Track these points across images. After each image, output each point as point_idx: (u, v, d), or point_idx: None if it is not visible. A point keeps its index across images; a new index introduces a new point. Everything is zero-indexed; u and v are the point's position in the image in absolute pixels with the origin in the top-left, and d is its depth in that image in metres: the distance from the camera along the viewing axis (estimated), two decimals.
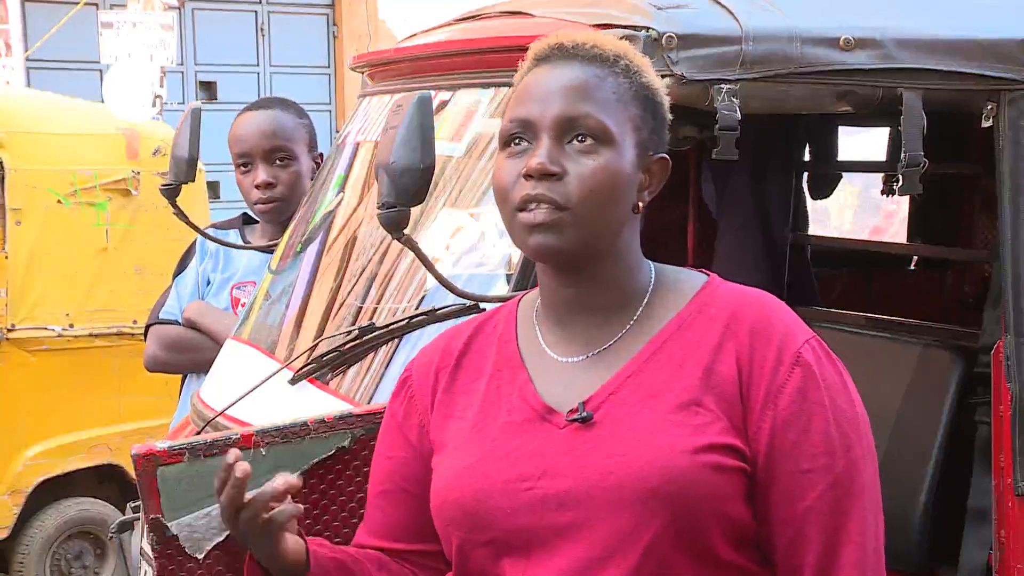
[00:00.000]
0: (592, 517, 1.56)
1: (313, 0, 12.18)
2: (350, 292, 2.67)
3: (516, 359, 1.69)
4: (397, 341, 2.39)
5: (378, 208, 2.02)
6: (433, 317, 2.31)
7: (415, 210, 2.06)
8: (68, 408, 5.24)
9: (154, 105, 7.96)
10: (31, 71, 10.28)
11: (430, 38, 2.83)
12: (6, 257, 5.13)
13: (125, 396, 5.31)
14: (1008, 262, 2.43)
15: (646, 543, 1.53)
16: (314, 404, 2.32)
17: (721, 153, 2.20)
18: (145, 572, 2.48)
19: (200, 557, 1.94)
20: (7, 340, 5.11)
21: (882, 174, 4.25)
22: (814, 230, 4.41)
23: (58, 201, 5.24)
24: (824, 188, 4.19)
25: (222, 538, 1.94)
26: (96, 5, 10.21)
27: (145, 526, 1.96)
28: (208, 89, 11.36)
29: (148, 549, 2.21)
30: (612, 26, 2.25)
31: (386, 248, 2.60)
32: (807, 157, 4.00)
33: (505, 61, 2.38)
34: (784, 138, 3.74)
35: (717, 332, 1.61)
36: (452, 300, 2.27)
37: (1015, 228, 2.43)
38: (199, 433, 2.52)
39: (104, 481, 5.41)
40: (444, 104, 2.57)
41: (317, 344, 2.53)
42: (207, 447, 1.94)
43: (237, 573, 1.96)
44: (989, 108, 2.43)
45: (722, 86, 2.22)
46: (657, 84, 1.68)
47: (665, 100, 1.69)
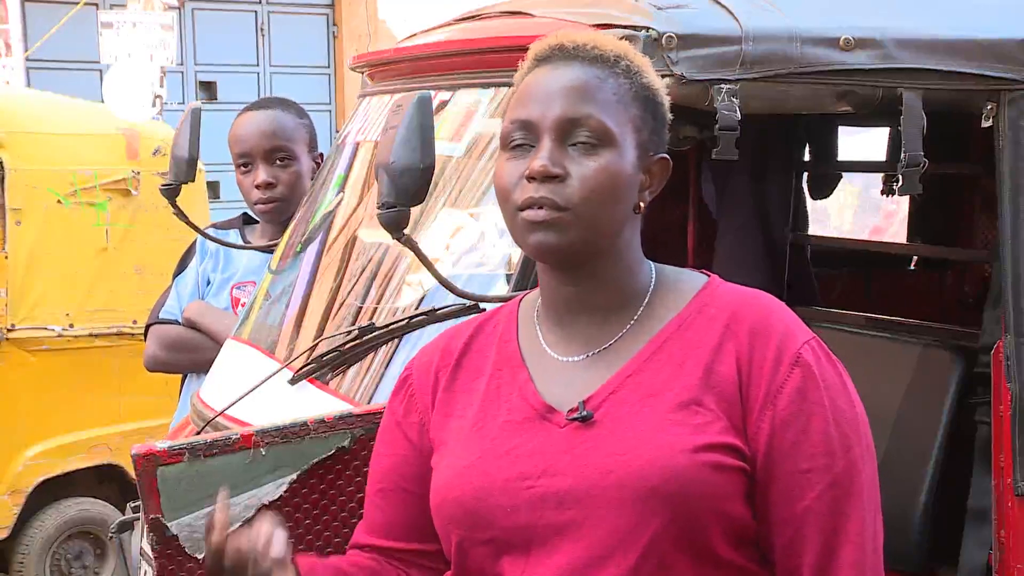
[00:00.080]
0: (592, 516, 1.56)
1: (313, 0, 12.19)
2: (350, 292, 2.67)
3: (516, 358, 1.70)
4: (397, 341, 2.39)
5: (378, 208, 2.02)
6: (433, 317, 2.32)
7: (415, 210, 2.06)
8: (68, 408, 5.24)
9: (154, 105, 7.96)
10: (31, 71, 10.29)
11: (430, 38, 2.83)
12: (6, 257, 5.13)
13: (125, 396, 5.31)
14: (1008, 262, 2.43)
15: (646, 542, 1.54)
16: (314, 404, 2.32)
17: (721, 153, 2.20)
18: (145, 572, 2.48)
19: (200, 557, 1.94)
20: (7, 340, 5.11)
21: (882, 174, 4.26)
22: (814, 230, 4.41)
23: (58, 201, 5.24)
24: (824, 188, 4.19)
25: None
26: (96, 5, 10.21)
27: (145, 526, 1.97)
28: (208, 89, 11.36)
29: (148, 549, 2.21)
30: (612, 26, 2.25)
31: (386, 248, 2.60)
32: (807, 157, 4.00)
33: (505, 61, 2.38)
34: (784, 138, 3.74)
35: (717, 332, 1.62)
36: (452, 300, 2.27)
37: (1015, 228, 2.43)
38: (199, 433, 2.52)
39: (104, 481, 5.41)
40: (444, 104, 2.57)
41: (317, 344, 2.53)
42: (207, 447, 1.94)
43: None
44: (989, 108, 2.43)
45: (722, 86, 2.22)
46: (657, 85, 1.68)
47: (665, 100, 1.69)
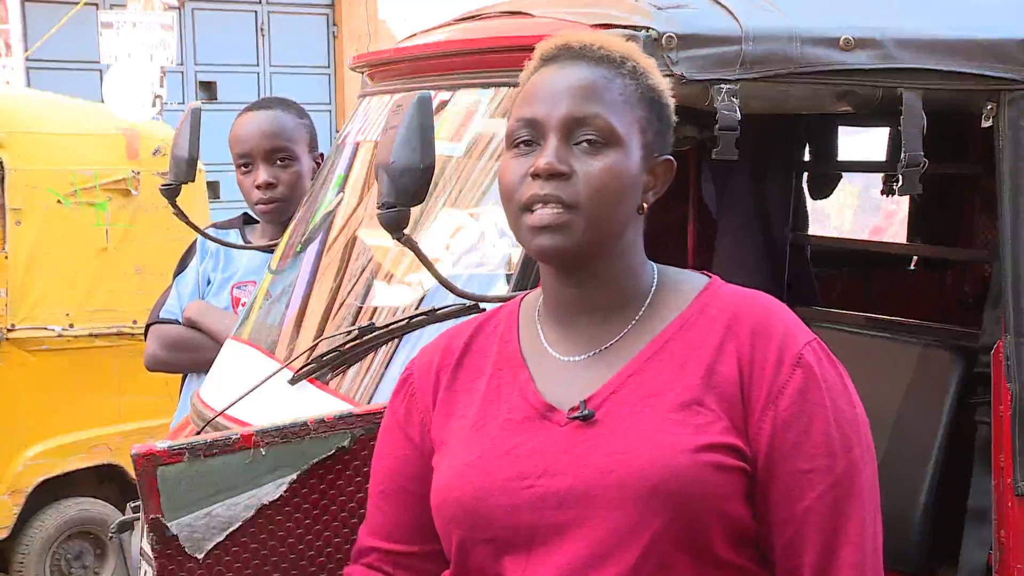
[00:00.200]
0: (592, 515, 1.56)
1: (313, 0, 12.19)
2: (350, 292, 2.67)
3: (517, 358, 1.70)
4: (397, 341, 2.39)
5: (378, 208, 2.02)
6: (433, 317, 2.31)
7: (415, 210, 2.06)
8: (68, 408, 5.24)
9: (154, 105, 7.96)
10: (31, 71, 10.29)
11: (430, 38, 2.83)
12: (6, 257, 5.13)
13: (125, 396, 5.31)
14: (1008, 262, 2.43)
15: (646, 541, 1.54)
16: (314, 404, 2.32)
17: (721, 153, 2.20)
18: (145, 572, 2.48)
19: (200, 557, 1.94)
20: (7, 340, 5.11)
21: (882, 174, 4.26)
22: (814, 230, 4.41)
23: (58, 201, 5.24)
24: (824, 188, 4.19)
25: (222, 538, 1.94)
26: (96, 5, 10.21)
27: (145, 526, 1.97)
28: (208, 89, 11.36)
29: (148, 549, 2.21)
30: (612, 26, 2.25)
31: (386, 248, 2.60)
32: (807, 157, 4.00)
33: (505, 61, 2.38)
34: (784, 138, 3.74)
35: (718, 333, 1.62)
36: (452, 300, 2.27)
37: (1015, 228, 2.43)
38: (199, 433, 2.52)
39: (104, 481, 5.41)
40: (444, 104, 2.57)
41: (317, 344, 2.53)
42: (207, 447, 1.94)
43: (237, 573, 1.96)
44: (989, 108, 2.43)
45: (722, 86, 2.22)
46: (663, 86, 1.69)
47: (670, 102, 1.70)
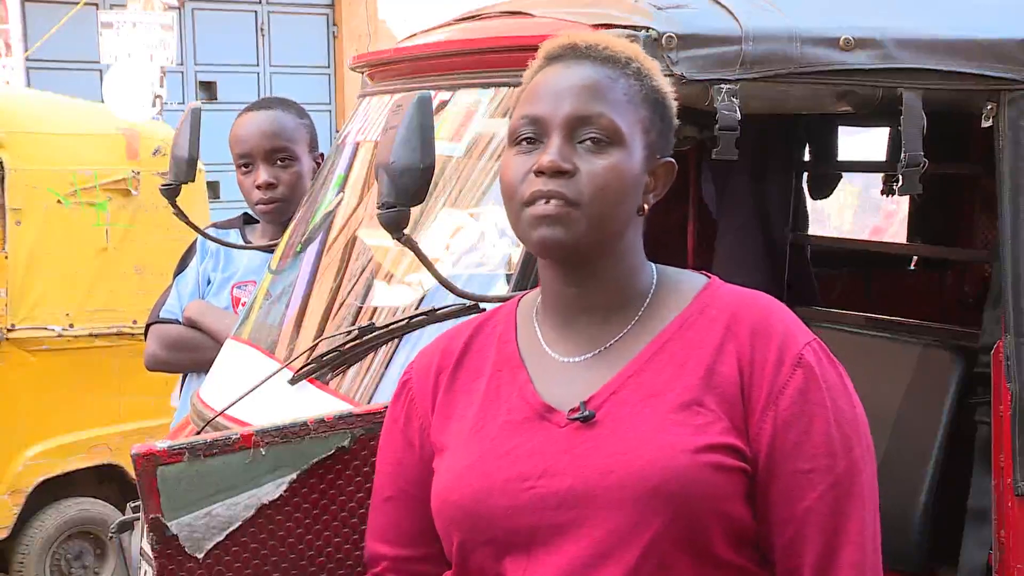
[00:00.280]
0: (592, 516, 1.56)
1: (313, 0, 12.19)
2: (350, 292, 2.67)
3: (516, 359, 1.69)
4: (397, 341, 2.39)
5: (378, 208, 2.02)
6: (433, 317, 2.31)
7: (415, 210, 2.06)
8: (68, 408, 5.24)
9: (154, 105, 7.96)
10: (31, 71, 10.29)
11: (430, 38, 2.83)
12: (6, 257, 5.13)
13: (125, 396, 5.31)
14: (1008, 262, 2.43)
15: (646, 542, 1.54)
16: (314, 404, 2.32)
17: (721, 153, 2.20)
18: (145, 572, 2.48)
19: (200, 557, 1.94)
20: (7, 340, 5.11)
21: (882, 174, 4.26)
22: (814, 230, 4.41)
23: (58, 201, 5.24)
24: (824, 188, 4.19)
25: (222, 538, 1.94)
26: (96, 5, 10.21)
27: (145, 526, 1.97)
28: (208, 89, 11.36)
29: (148, 549, 2.21)
30: (612, 26, 2.25)
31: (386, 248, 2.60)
32: (807, 157, 4.00)
33: (505, 61, 2.38)
34: (784, 138, 3.74)
35: (718, 333, 1.62)
36: (452, 300, 2.27)
37: (1015, 228, 2.43)
38: (199, 433, 2.52)
39: (104, 481, 5.41)
40: (444, 104, 2.57)
41: (317, 344, 2.52)
42: (207, 447, 1.94)
43: (237, 573, 1.96)
44: (989, 108, 2.43)
45: (722, 86, 2.22)
46: (666, 88, 1.69)
47: (673, 104, 1.70)
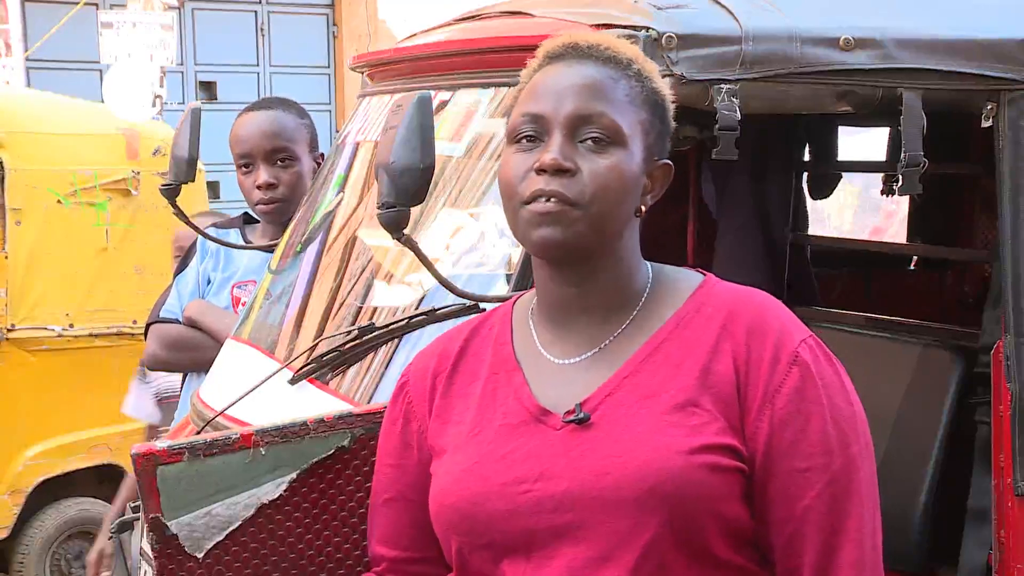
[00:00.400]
0: (590, 518, 1.56)
1: (313, 0, 12.19)
2: (350, 292, 2.67)
3: (512, 361, 1.69)
4: (397, 341, 2.39)
5: (378, 208, 2.02)
6: (433, 317, 2.31)
7: (415, 210, 2.06)
8: (68, 408, 5.25)
9: (154, 105, 7.96)
10: (31, 71, 10.29)
11: (430, 38, 2.83)
12: (6, 257, 5.13)
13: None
14: (1008, 262, 2.43)
15: (644, 543, 1.54)
16: (314, 404, 2.32)
17: (721, 153, 2.20)
18: (145, 572, 2.48)
19: (200, 557, 1.94)
20: (7, 340, 5.11)
21: (882, 174, 4.26)
22: (814, 230, 4.41)
23: (58, 201, 5.25)
24: (824, 188, 4.19)
25: (222, 538, 1.94)
26: (96, 5, 10.21)
27: (145, 526, 1.97)
28: (208, 89, 11.36)
29: (148, 549, 2.21)
30: (612, 26, 2.25)
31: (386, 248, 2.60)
32: (807, 157, 4.00)
33: (505, 61, 2.38)
34: (784, 138, 3.74)
35: (714, 332, 1.62)
36: (452, 300, 2.27)
37: (1015, 228, 2.43)
38: (199, 433, 2.52)
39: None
40: (444, 104, 2.57)
41: (317, 344, 2.52)
42: (207, 447, 1.94)
43: (237, 573, 1.96)
44: (989, 108, 2.43)
45: (722, 86, 2.22)
46: (665, 91, 1.69)
47: (671, 107, 1.70)
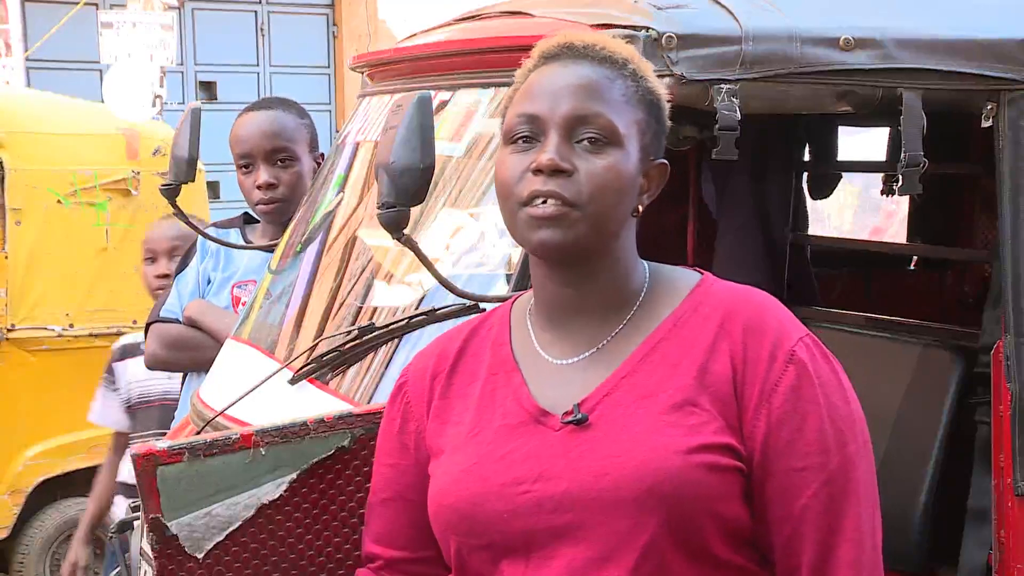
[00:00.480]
0: (589, 519, 1.56)
1: (313, 0, 12.19)
2: (350, 292, 2.67)
3: (510, 362, 1.69)
4: (397, 341, 2.39)
5: (378, 208, 2.02)
6: (433, 317, 2.31)
7: (415, 210, 2.06)
8: (68, 408, 5.23)
9: (154, 105, 7.96)
10: (31, 71, 10.29)
11: (430, 38, 2.83)
12: (6, 257, 5.13)
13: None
14: (1008, 262, 2.43)
15: (643, 543, 1.53)
16: (314, 404, 2.32)
17: (721, 153, 2.20)
18: (145, 572, 2.48)
19: (200, 557, 1.94)
20: (7, 340, 5.11)
21: (882, 174, 4.26)
22: (814, 230, 4.41)
23: (58, 201, 5.25)
24: (824, 188, 4.19)
25: (222, 538, 1.94)
26: (96, 5, 10.21)
27: (145, 526, 1.97)
28: (208, 89, 11.36)
29: (148, 549, 2.20)
30: (612, 26, 2.25)
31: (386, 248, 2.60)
32: (807, 157, 4.00)
33: (505, 61, 2.37)
34: (784, 138, 3.74)
35: (711, 331, 1.62)
36: (452, 300, 2.27)
37: (1015, 228, 2.43)
38: (199, 433, 2.52)
39: None
40: (444, 104, 2.57)
41: (317, 344, 2.53)
42: (207, 447, 1.94)
43: (237, 573, 1.96)
44: (989, 108, 2.43)
45: (722, 86, 2.22)
46: (660, 90, 1.69)
47: (666, 106, 1.70)
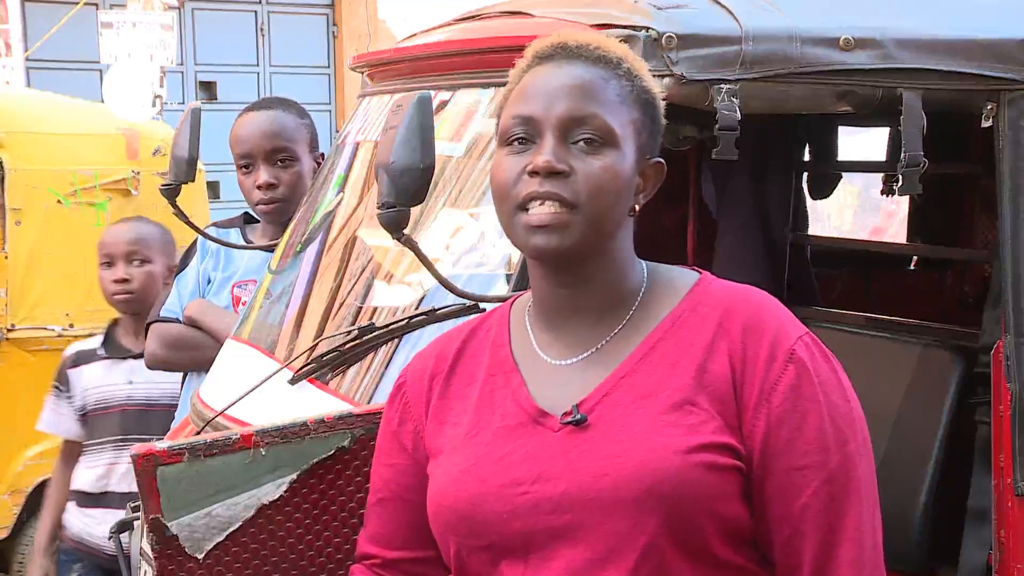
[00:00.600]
0: (588, 519, 1.56)
1: (313, 0, 12.19)
2: (350, 292, 2.67)
3: (509, 363, 1.69)
4: (397, 341, 2.39)
5: (378, 208, 2.02)
6: (433, 317, 2.31)
7: (415, 210, 2.06)
8: None
9: (154, 105, 7.96)
10: (31, 71, 10.29)
11: (430, 38, 2.83)
12: (6, 257, 5.13)
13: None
14: (1008, 262, 2.43)
15: (643, 544, 1.53)
16: (314, 404, 2.32)
17: (721, 153, 2.20)
18: (145, 572, 2.48)
19: (200, 557, 1.94)
20: (7, 340, 5.11)
21: (882, 174, 4.26)
22: (814, 230, 4.41)
23: (58, 201, 5.24)
24: (824, 188, 4.20)
25: (222, 538, 1.94)
26: (96, 5, 10.21)
27: (145, 526, 1.97)
28: (208, 89, 11.36)
29: (148, 549, 2.21)
30: (612, 26, 2.25)
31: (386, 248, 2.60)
32: (807, 157, 4.00)
33: (505, 61, 2.36)
34: (784, 138, 3.74)
35: (710, 330, 1.61)
36: (452, 300, 2.27)
37: (1015, 228, 2.43)
38: (199, 433, 2.52)
39: None
40: (444, 104, 2.57)
41: (317, 344, 2.53)
42: (207, 447, 1.94)
43: (237, 573, 1.96)
44: (989, 108, 2.43)
45: (722, 86, 2.22)
46: (655, 89, 1.69)
47: (661, 105, 1.70)
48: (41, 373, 5.17)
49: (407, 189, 2.00)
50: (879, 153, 4.23)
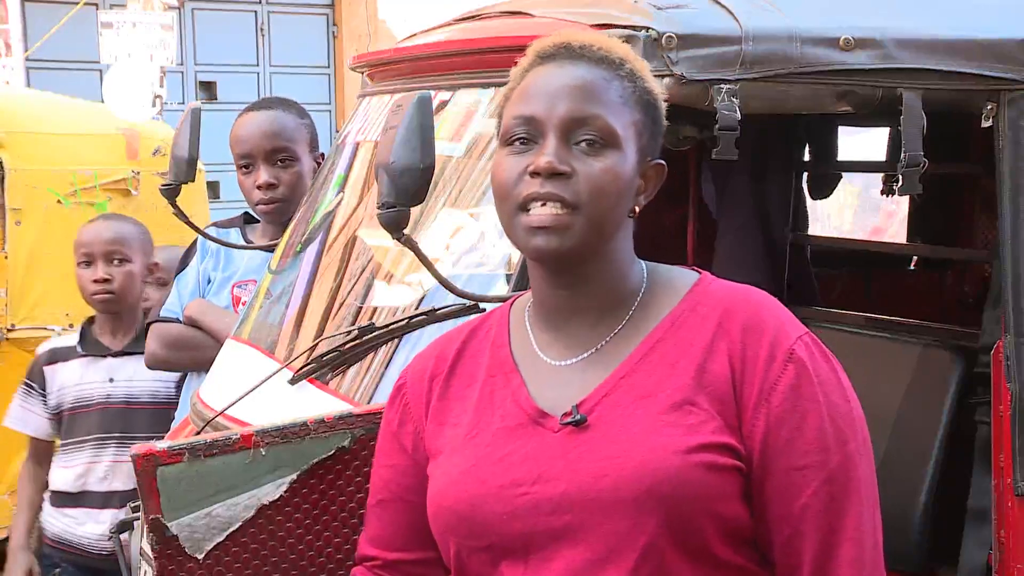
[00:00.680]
0: (588, 520, 1.56)
1: (313, 0, 12.19)
2: (350, 292, 2.67)
3: (509, 363, 1.69)
4: (397, 341, 2.39)
5: (378, 208, 2.02)
6: (433, 317, 2.32)
7: (415, 210, 2.06)
8: None
9: (154, 105, 7.95)
10: (31, 71, 10.29)
11: (430, 38, 2.83)
12: (6, 257, 5.13)
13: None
14: (1008, 262, 2.43)
15: (643, 544, 1.53)
16: (314, 404, 2.32)
17: (721, 153, 2.20)
18: (145, 572, 2.48)
19: (200, 557, 1.94)
20: (7, 340, 5.10)
21: (882, 174, 4.26)
22: (814, 230, 4.41)
23: (58, 201, 5.24)
24: (824, 188, 4.20)
25: (222, 538, 1.94)
26: (96, 5, 10.21)
27: (145, 526, 1.97)
28: (208, 89, 11.36)
29: (148, 549, 2.21)
30: (612, 26, 2.25)
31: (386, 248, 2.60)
32: (807, 157, 4.00)
33: (505, 61, 2.36)
34: (784, 138, 3.74)
35: (710, 330, 1.61)
36: (452, 300, 2.27)
37: (1015, 228, 2.43)
38: (199, 433, 2.52)
39: None
40: (444, 104, 2.57)
41: (317, 344, 2.53)
42: (207, 447, 1.94)
43: (237, 573, 1.96)
44: (989, 108, 2.43)
45: (722, 86, 2.22)
46: (657, 90, 1.69)
47: (663, 106, 1.69)
48: None
49: (407, 189, 2.00)
50: (879, 153, 4.24)
